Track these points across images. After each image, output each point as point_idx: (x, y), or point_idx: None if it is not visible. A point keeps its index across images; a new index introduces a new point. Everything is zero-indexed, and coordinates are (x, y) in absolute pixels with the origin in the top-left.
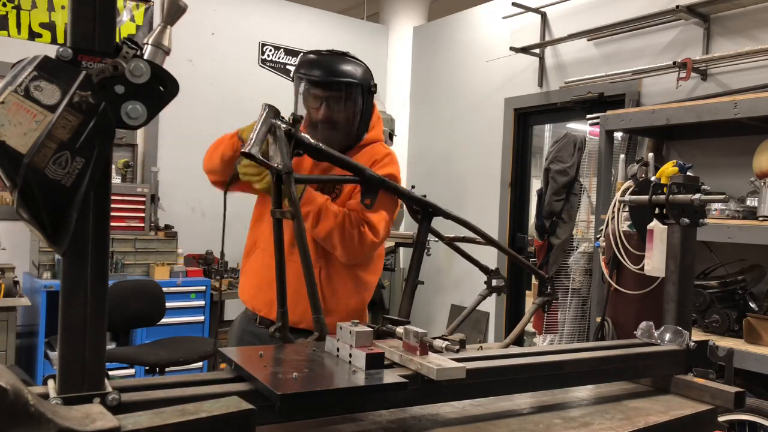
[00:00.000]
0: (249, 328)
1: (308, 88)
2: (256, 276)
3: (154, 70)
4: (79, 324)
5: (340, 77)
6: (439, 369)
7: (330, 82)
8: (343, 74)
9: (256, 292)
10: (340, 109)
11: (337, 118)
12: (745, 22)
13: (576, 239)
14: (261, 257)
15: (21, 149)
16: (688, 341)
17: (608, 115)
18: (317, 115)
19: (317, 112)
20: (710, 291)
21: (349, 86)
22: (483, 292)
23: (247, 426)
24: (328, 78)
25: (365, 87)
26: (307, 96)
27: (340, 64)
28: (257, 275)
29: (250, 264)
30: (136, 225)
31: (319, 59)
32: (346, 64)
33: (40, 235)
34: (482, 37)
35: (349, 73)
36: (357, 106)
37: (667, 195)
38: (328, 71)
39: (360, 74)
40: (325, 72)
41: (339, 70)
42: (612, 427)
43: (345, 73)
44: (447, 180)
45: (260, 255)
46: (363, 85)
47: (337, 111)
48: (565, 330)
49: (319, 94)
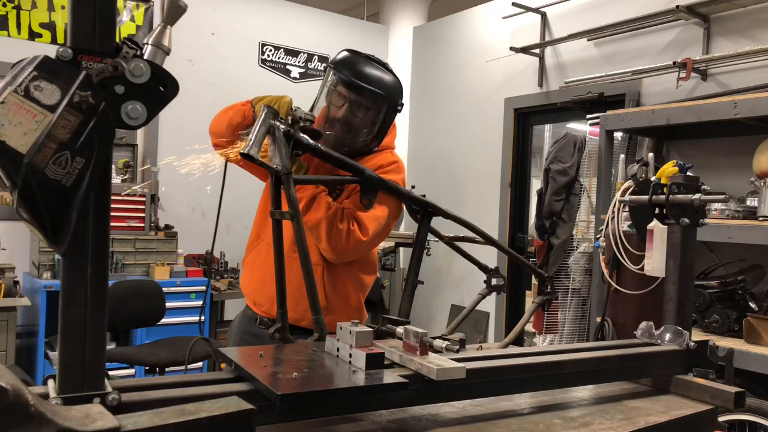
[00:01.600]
0: (249, 329)
1: (336, 84)
2: (260, 269)
3: (154, 70)
4: (79, 324)
5: (370, 84)
6: (439, 369)
7: (358, 86)
8: (374, 82)
9: (258, 286)
10: (360, 116)
11: (354, 122)
12: (745, 22)
13: (576, 239)
14: (266, 251)
15: (21, 149)
16: (688, 341)
17: (608, 115)
18: (337, 113)
19: (338, 110)
20: (710, 291)
21: (376, 96)
22: (482, 291)
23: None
24: (358, 81)
25: (392, 103)
26: (334, 92)
27: (374, 72)
28: (261, 269)
29: (253, 256)
30: (136, 225)
31: (356, 60)
32: (381, 74)
33: (40, 235)
34: (482, 37)
35: (380, 84)
36: (378, 117)
37: (667, 195)
38: (361, 75)
39: (390, 88)
40: (357, 75)
41: (371, 77)
42: (612, 427)
43: (376, 82)
44: (447, 180)
45: (265, 248)
46: (390, 100)
47: (358, 116)
48: (565, 330)
49: (344, 94)
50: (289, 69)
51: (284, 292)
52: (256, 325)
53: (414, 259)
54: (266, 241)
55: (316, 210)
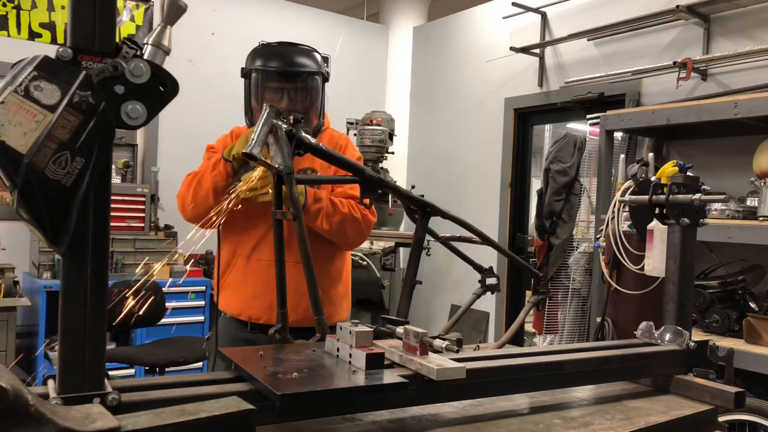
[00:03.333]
0: (241, 335)
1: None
2: (248, 285)
3: (154, 70)
4: (79, 324)
5: (303, 68)
6: (439, 369)
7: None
8: (304, 64)
9: (252, 301)
10: (303, 99)
11: (300, 108)
12: (745, 22)
13: (576, 239)
14: (244, 265)
15: (21, 149)
16: (688, 341)
17: (608, 115)
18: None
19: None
20: (710, 291)
21: (311, 76)
22: (477, 290)
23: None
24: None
25: (324, 75)
26: (265, 88)
27: (299, 55)
28: (250, 284)
29: (236, 275)
30: (136, 225)
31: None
32: (304, 55)
33: (40, 235)
34: (482, 37)
35: (309, 63)
36: (318, 94)
37: (667, 195)
38: (290, 62)
39: (317, 63)
40: (286, 63)
41: (300, 60)
42: (612, 427)
43: (306, 63)
44: (447, 180)
45: (244, 263)
46: (322, 73)
47: (301, 101)
48: (565, 330)
49: (279, 86)
50: None
51: (284, 292)
52: (247, 330)
53: (412, 259)
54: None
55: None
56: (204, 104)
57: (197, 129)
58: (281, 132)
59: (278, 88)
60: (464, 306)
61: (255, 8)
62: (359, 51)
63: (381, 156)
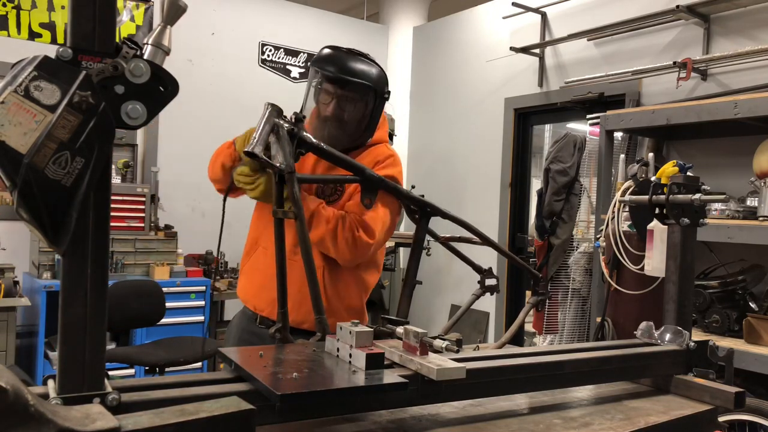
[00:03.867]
0: (249, 328)
1: (322, 82)
2: (260, 275)
3: (154, 70)
4: (79, 324)
5: (355, 77)
6: (439, 369)
7: (343, 80)
8: (358, 74)
9: (258, 291)
10: (350, 109)
11: (345, 117)
12: (745, 22)
13: (576, 239)
14: (263, 256)
15: (21, 149)
16: (688, 341)
17: (608, 115)
18: (326, 111)
19: (326, 107)
20: (710, 291)
21: (362, 88)
22: (476, 291)
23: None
24: (342, 76)
25: (378, 92)
26: (320, 90)
27: (357, 64)
28: (260, 274)
29: (252, 262)
30: (136, 225)
31: (337, 55)
32: (364, 65)
33: (40, 235)
34: (482, 37)
35: (365, 75)
36: (367, 108)
37: (667, 195)
38: (345, 69)
39: (375, 78)
40: (340, 69)
41: (355, 69)
42: (612, 427)
43: (360, 74)
44: (447, 180)
45: (262, 253)
46: (376, 89)
47: (347, 110)
48: (565, 330)
49: (331, 91)
50: (289, 69)
51: (285, 291)
52: (256, 324)
53: (412, 259)
54: (263, 246)
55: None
56: (204, 104)
57: (197, 129)
58: (283, 131)
59: (328, 92)
60: (464, 306)
61: (255, 8)
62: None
63: None
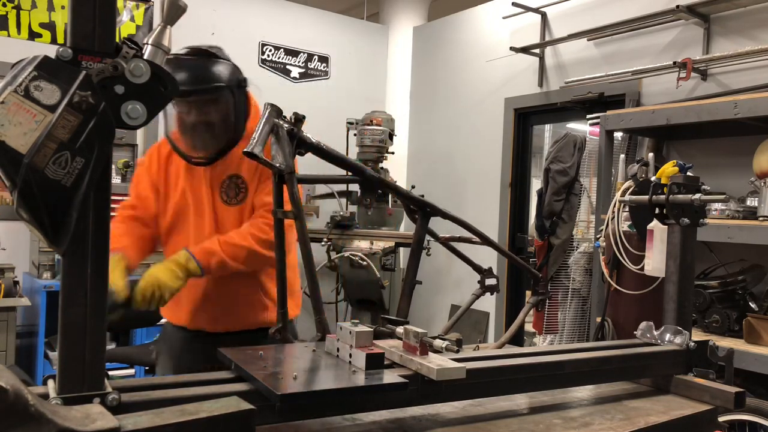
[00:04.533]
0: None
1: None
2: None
3: (154, 70)
4: (79, 324)
5: (203, 83)
6: (439, 369)
7: (190, 92)
8: (205, 80)
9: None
10: (212, 112)
11: (210, 120)
12: (745, 22)
13: (576, 239)
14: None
15: (21, 149)
16: (688, 341)
17: (608, 115)
18: (189, 120)
19: (188, 117)
20: (710, 291)
21: (214, 90)
22: (476, 291)
23: (247, 426)
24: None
25: (233, 85)
26: (175, 104)
27: (200, 68)
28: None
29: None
30: None
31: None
32: (208, 66)
33: (40, 235)
34: (482, 37)
35: (212, 77)
36: (228, 106)
37: (667, 195)
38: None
39: (225, 74)
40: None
41: (200, 75)
42: (612, 427)
43: (207, 78)
44: (447, 180)
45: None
46: (230, 85)
47: (209, 115)
48: (565, 330)
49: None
50: (289, 69)
51: (285, 290)
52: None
53: (412, 259)
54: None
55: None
56: None
57: None
58: (282, 131)
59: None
60: (464, 306)
61: (255, 8)
62: (359, 51)
63: (381, 156)
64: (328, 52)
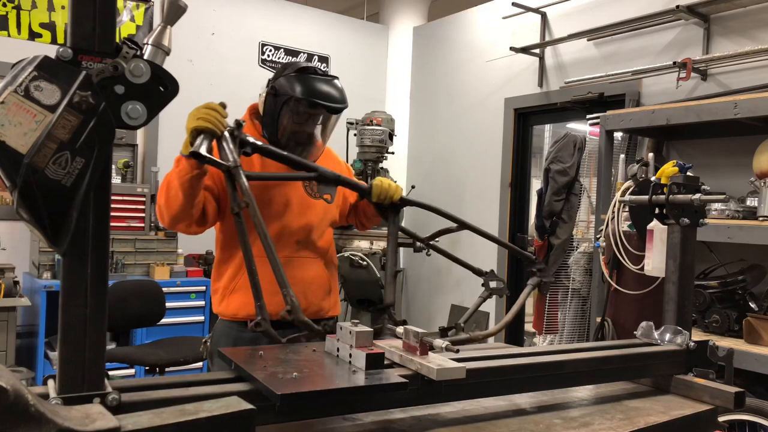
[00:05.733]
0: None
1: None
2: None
3: (154, 70)
4: (79, 324)
5: (344, 104)
6: (439, 369)
7: (338, 110)
8: (345, 101)
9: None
10: (327, 131)
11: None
12: (745, 22)
13: (576, 239)
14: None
15: (21, 149)
16: (688, 341)
17: (608, 115)
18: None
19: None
20: (710, 291)
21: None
22: (483, 294)
23: (247, 426)
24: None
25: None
26: (302, 114)
27: (342, 91)
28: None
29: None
30: (136, 225)
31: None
32: (342, 91)
33: (40, 235)
34: (482, 37)
35: (346, 100)
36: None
37: (667, 195)
38: (338, 100)
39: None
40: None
41: (343, 97)
42: (612, 427)
43: (346, 100)
44: (447, 180)
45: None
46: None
47: (326, 132)
48: (565, 330)
49: (318, 118)
50: None
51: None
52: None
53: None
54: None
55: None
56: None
57: None
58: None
59: (314, 119)
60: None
61: (255, 8)
62: (359, 51)
63: (381, 156)
64: (328, 52)
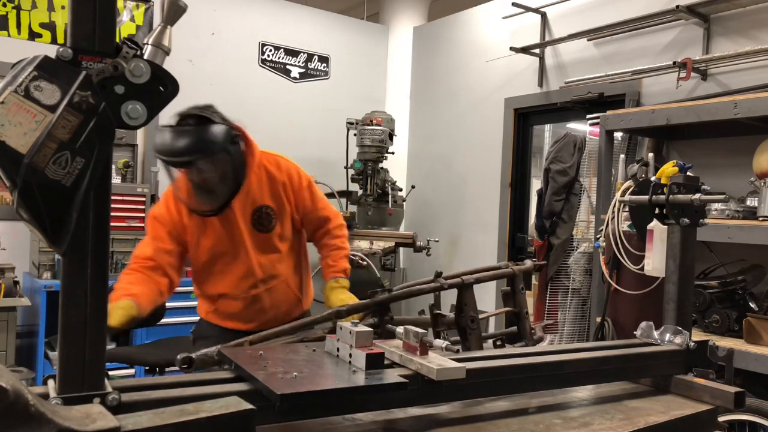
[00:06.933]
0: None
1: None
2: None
3: (154, 70)
4: (79, 324)
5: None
6: (439, 369)
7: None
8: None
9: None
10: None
11: (212, 179)
12: (745, 22)
13: (576, 239)
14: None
15: (21, 149)
16: (688, 341)
17: (608, 115)
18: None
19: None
20: (710, 291)
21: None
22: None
23: (247, 426)
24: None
25: (226, 144)
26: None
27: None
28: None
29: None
30: (136, 225)
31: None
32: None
33: (40, 235)
34: (482, 37)
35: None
36: (227, 163)
37: (667, 195)
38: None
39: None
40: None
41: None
42: (612, 427)
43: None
44: (447, 180)
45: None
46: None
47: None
48: (565, 330)
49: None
50: (289, 69)
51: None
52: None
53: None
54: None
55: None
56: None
57: None
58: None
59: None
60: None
61: (255, 8)
62: (359, 51)
63: (381, 156)
64: (328, 52)
